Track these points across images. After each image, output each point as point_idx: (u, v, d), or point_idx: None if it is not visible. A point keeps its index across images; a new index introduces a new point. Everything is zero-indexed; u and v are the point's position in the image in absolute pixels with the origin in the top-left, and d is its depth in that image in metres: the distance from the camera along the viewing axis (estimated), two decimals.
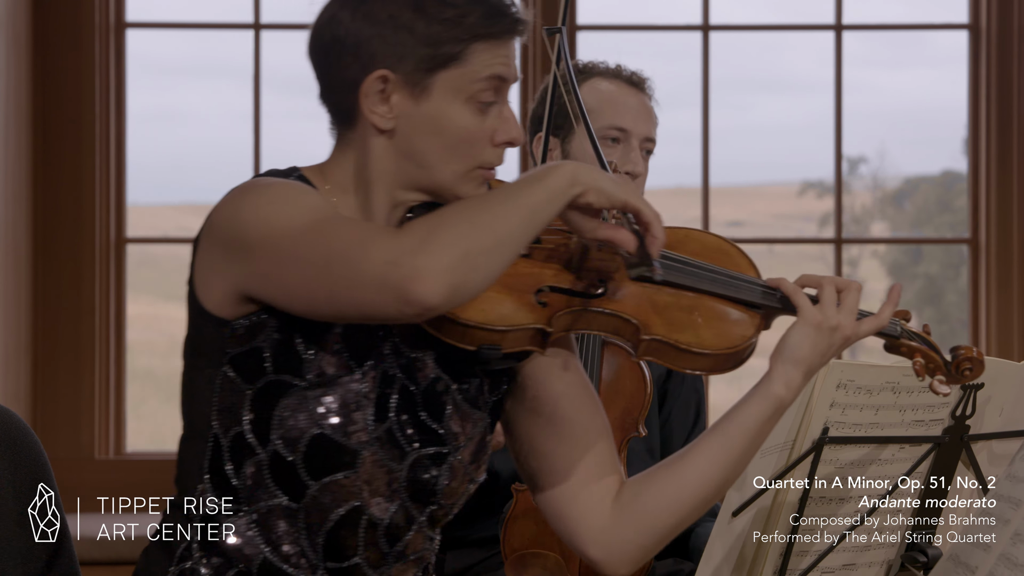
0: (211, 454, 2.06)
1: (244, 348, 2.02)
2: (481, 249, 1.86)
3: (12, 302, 4.75)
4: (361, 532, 2.06)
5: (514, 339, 2.01)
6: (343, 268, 1.88)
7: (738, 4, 5.70)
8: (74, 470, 4.79)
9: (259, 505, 2.04)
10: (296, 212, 1.95)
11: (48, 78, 4.91)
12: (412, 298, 1.83)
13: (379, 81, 2.02)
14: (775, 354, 2.09)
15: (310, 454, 2.01)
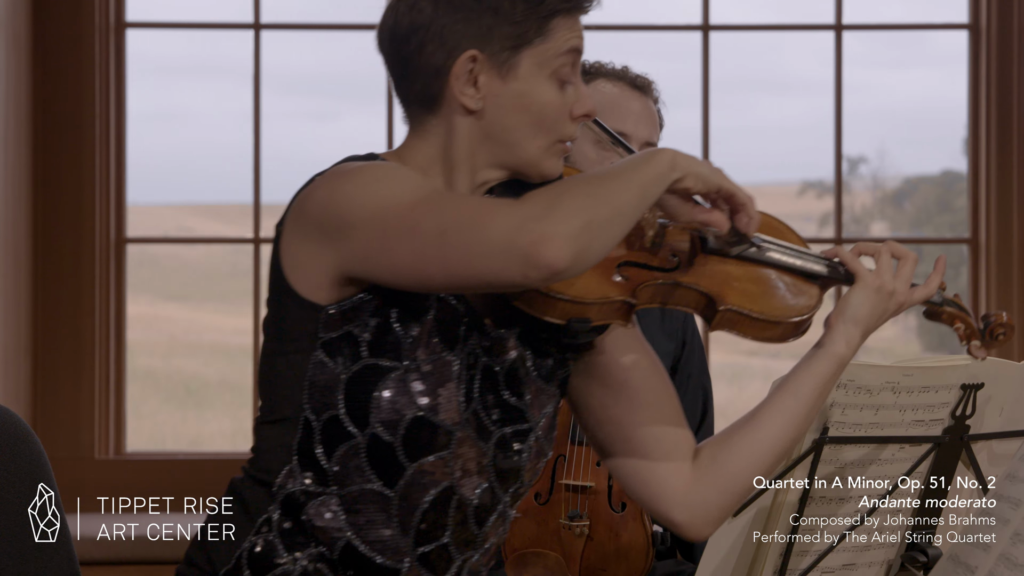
0: (301, 437, 2.07)
1: (338, 333, 2.05)
2: (602, 219, 1.91)
3: (12, 302, 4.75)
4: (451, 512, 2.09)
5: (602, 312, 2.07)
6: (462, 236, 1.92)
7: (738, 4, 5.70)
8: (74, 470, 4.80)
9: (350, 489, 2.06)
10: (400, 188, 1.98)
11: (48, 78, 4.91)
12: (540, 261, 1.87)
13: (469, 62, 2.07)
14: (836, 314, 2.16)
15: (409, 436, 2.04)
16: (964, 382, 2.23)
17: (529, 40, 2.09)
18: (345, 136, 8.48)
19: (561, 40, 2.10)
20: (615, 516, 2.99)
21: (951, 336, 7.04)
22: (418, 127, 2.14)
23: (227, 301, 11.17)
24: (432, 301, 2.06)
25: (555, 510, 2.97)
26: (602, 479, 2.99)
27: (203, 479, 4.84)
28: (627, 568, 2.98)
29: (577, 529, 2.94)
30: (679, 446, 2.20)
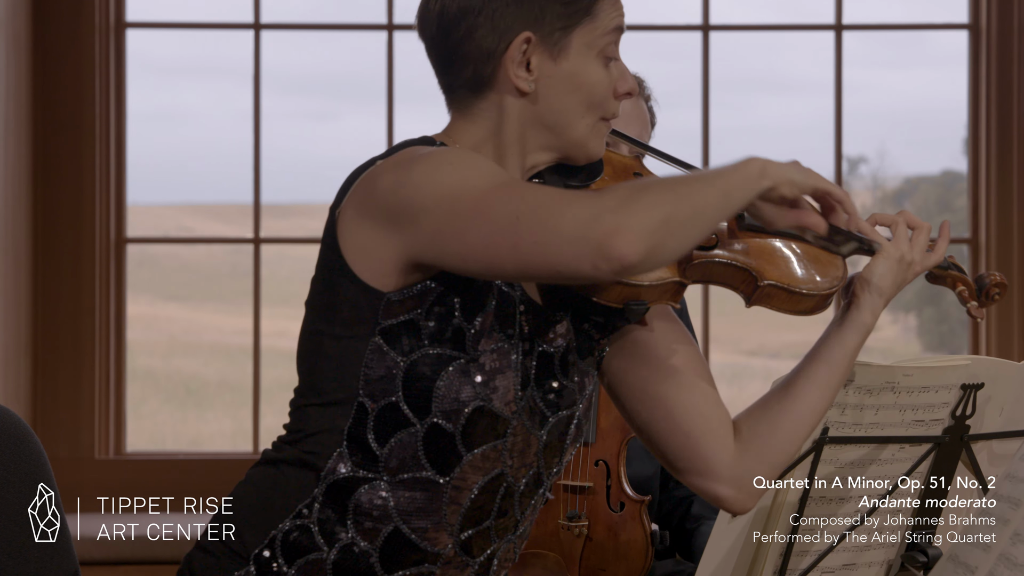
0: (352, 422, 2.06)
1: (399, 320, 2.03)
2: (680, 218, 1.89)
3: (12, 302, 4.75)
4: (499, 499, 2.10)
5: (657, 293, 2.10)
6: (536, 223, 1.90)
7: (738, 4, 5.70)
8: (74, 470, 4.80)
9: (401, 477, 2.06)
10: (474, 173, 1.98)
11: (48, 78, 4.91)
12: (612, 253, 1.86)
13: (523, 44, 2.07)
14: (861, 286, 2.19)
15: (469, 426, 2.04)
16: (964, 382, 2.23)
17: (579, 20, 2.09)
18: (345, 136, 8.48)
19: (607, 19, 2.11)
20: (614, 516, 2.99)
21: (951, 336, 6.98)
22: (465, 110, 2.13)
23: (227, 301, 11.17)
24: (494, 291, 2.06)
25: (554, 511, 2.96)
26: (600, 479, 2.99)
27: (203, 479, 4.84)
28: (627, 568, 2.97)
29: (576, 529, 2.94)
30: (723, 422, 2.20)
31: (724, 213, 1.96)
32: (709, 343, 5.09)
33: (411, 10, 2.22)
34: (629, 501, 2.99)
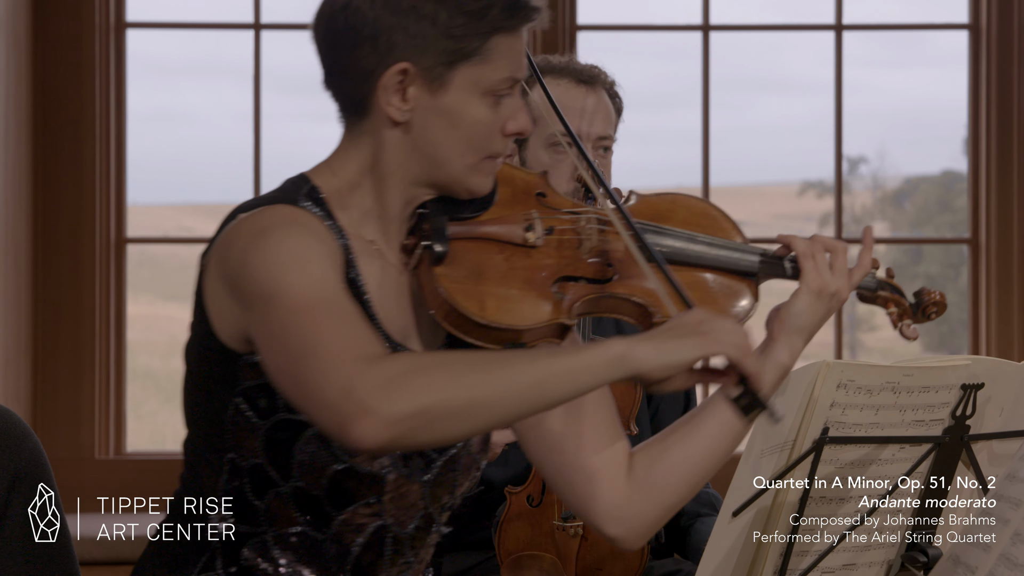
0: (228, 476, 2.03)
1: (257, 382, 1.98)
2: (445, 410, 1.74)
3: (12, 302, 4.75)
4: (387, 549, 2.06)
5: (536, 335, 2.03)
6: (310, 373, 1.79)
7: (738, 4, 5.70)
8: (74, 470, 4.79)
9: (283, 530, 2.02)
10: (300, 283, 1.87)
11: (48, 78, 4.90)
12: (350, 435, 1.73)
13: (399, 74, 1.98)
14: (778, 324, 2.10)
15: (334, 488, 1.99)
16: (964, 382, 2.23)
17: (466, 57, 1.98)
18: None
19: (501, 67, 2.00)
20: None
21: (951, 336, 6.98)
22: (350, 130, 2.06)
23: None
24: None
25: (548, 512, 2.96)
26: None
27: None
28: (623, 567, 2.97)
29: (571, 530, 2.94)
30: (615, 457, 2.12)
31: (532, 405, 1.78)
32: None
33: None
34: None
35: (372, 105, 2.01)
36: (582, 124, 3.09)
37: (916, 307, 2.19)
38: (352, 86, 2.02)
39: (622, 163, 3.31)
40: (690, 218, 2.17)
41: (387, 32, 1.98)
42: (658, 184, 3.45)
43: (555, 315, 2.02)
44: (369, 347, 1.81)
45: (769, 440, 2.16)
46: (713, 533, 2.20)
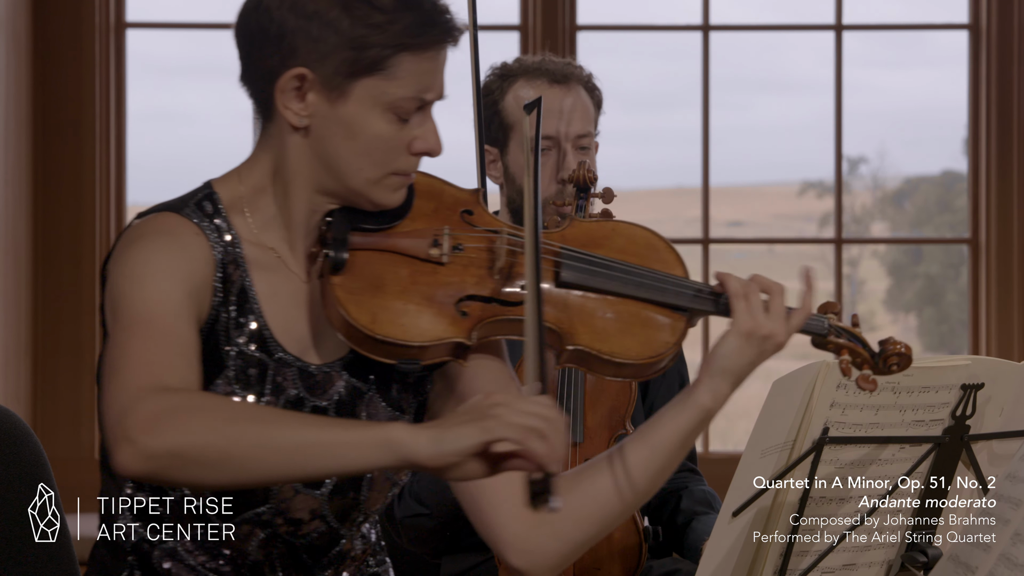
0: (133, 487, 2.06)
1: None
2: (198, 457, 1.72)
3: (12, 302, 4.75)
4: (276, 555, 2.03)
5: (433, 353, 1.97)
6: (107, 385, 1.81)
7: (738, 4, 5.70)
8: (74, 470, 4.78)
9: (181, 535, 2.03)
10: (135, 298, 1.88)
11: (48, 78, 4.90)
12: (114, 458, 1.74)
13: (295, 79, 1.94)
14: (705, 365, 2.02)
15: (218, 498, 1.98)
16: (964, 382, 2.23)
17: (367, 70, 1.93)
18: None
19: (406, 83, 1.94)
20: None
21: (951, 336, 7.00)
22: (260, 136, 2.04)
23: None
24: (230, 356, 1.97)
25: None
26: None
27: None
28: (621, 566, 2.97)
29: None
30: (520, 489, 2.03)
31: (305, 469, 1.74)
32: (709, 343, 5.09)
33: None
34: None
35: (274, 108, 1.98)
36: (560, 125, 3.06)
37: (877, 356, 2.08)
38: (258, 86, 1.99)
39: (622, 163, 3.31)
40: (628, 247, 2.09)
41: (290, 35, 1.94)
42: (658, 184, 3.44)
43: (453, 333, 1.96)
44: (165, 376, 1.80)
45: (769, 440, 2.16)
46: (713, 533, 2.20)
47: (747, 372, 2.02)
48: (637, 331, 2.02)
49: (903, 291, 11.59)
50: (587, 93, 3.13)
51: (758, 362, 2.02)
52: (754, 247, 12.69)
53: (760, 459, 2.18)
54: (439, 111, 2.02)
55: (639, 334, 2.02)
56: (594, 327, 2.00)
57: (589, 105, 3.13)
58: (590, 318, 2.01)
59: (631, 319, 2.02)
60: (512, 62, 3.17)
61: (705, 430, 5.39)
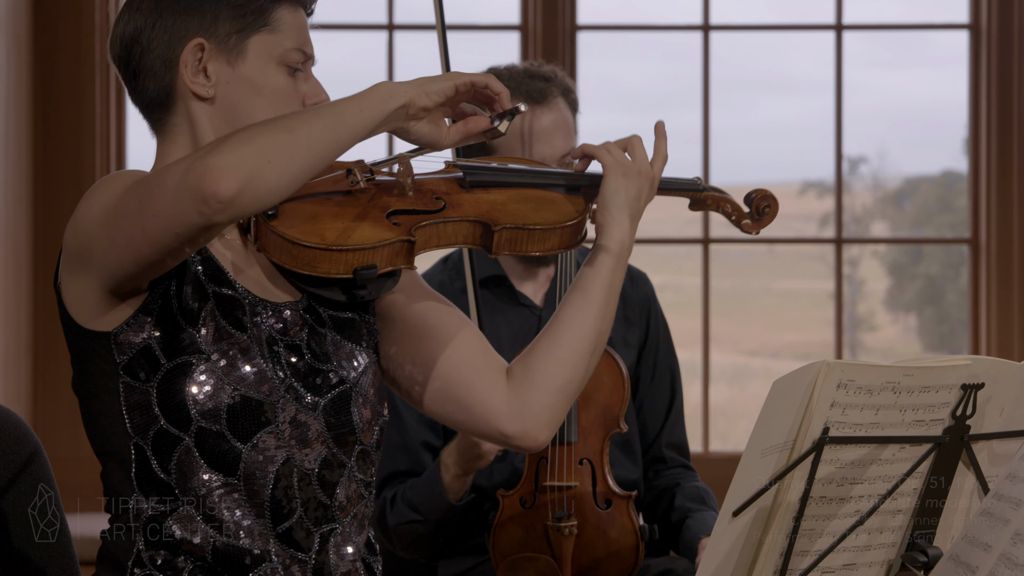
0: (136, 464, 2.13)
1: (132, 352, 2.11)
2: (274, 145, 1.96)
3: (12, 302, 4.75)
4: (295, 485, 2.14)
5: (385, 255, 2.16)
6: (151, 198, 1.97)
7: (738, 4, 5.70)
8: (74, 470, 4.79)
9: (198, 493, 2.12)
10: (113, 186, 2.05)
11: (48, 78, 4.91)
12: (206, 193, 1.92)
13: (196, 49, 2.15)
14: (599, 210, 2.29)
15: (232, 419, 2.11)
16: (964, 382, 2.23)
17: (254, 26, 2.18)
18: None
19: (290, 35, 2.21)
20: (602, 514, 2.99)
21: (951, 336, 7.03)
22: (163, 131, 2.20)
23: None
24: (208, 298, 2.13)
25: (542, 513, 2.96)
26: (585, 478, 2.99)
27: None
28: (619, 565, 2.98)
29: (566, 529, 2.94)
30: (491, 366, 2.28)
31: (344, 137, 2.02)
32: (709, 343, 5.09)
33: (411, 10, 2.27)
34: (616, 498, 2.99)
35: (177, 91, 2.18)
36: (544, 149, 3.05)
37: (751, 210, 2.41)
38: (156, 80, 2.18)
39: None
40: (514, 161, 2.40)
41: (175, 19, 2.16)
42: None
43: (396, 235, 2.16)
44: None
45: (769, 440, 2.17)
46: (713, 533, 2.20)
47: (638, 207, 2.31)
48: (547, 207, 2.29)
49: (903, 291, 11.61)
50: (567, 104, 3.11)
51: (643, 196, 2.31)
52: (754, 247, 12.70)
53: (760, 459, 2.18)
54: None
55: (550, 209, 2.29)
56: (511, 211, 2.26)
57: (568, 117, 3.11)
58: (504, 206, 2.26)
59: (538, 201, 2.29)
60: (483, 71, 3.13)
61: (705, 430, 5.40)
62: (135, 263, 2.03)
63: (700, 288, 5.12)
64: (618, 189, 2.28)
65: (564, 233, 2.27)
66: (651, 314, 3.25)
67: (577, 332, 2.27)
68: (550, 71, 3.12)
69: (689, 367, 3.91)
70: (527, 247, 2.25)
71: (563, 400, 2.27)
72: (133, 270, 2.04)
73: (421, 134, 2.12)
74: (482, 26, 5.10)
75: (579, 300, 2.28)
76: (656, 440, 3.25)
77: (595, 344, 2.28)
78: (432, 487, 2.98)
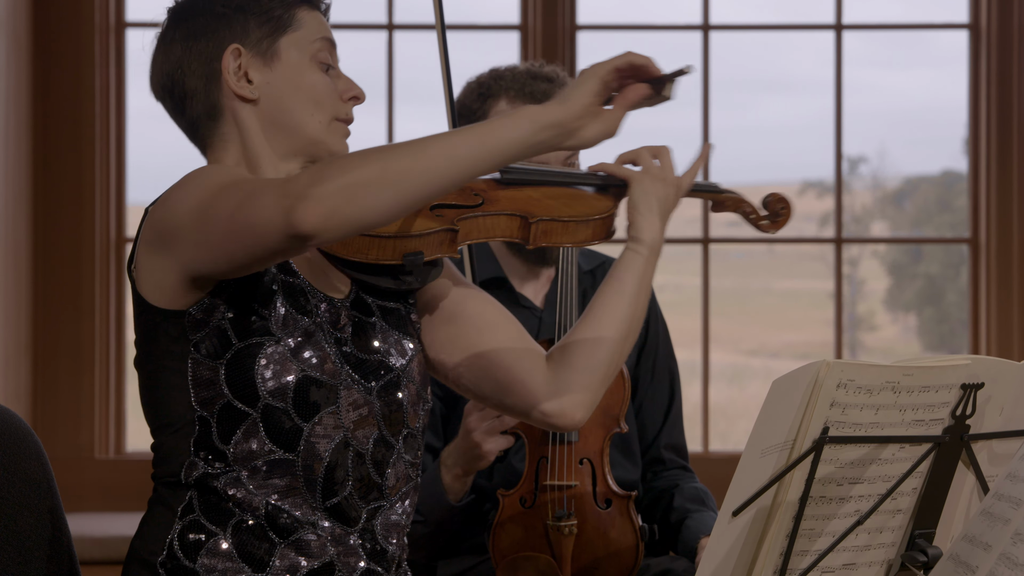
0: (198, 435, 2.22)
1: (205, 331, 2.20)
2: (365, 180, 1.98)
3: (12, 302, 4.75)
4: (350, 463, 2.24)
5: (431, 243, 2.27)
6: (245, 209, 2.04)
7: (738, 4, 5.70)
8: (74, 470, 4.80)
9: (255, 463, 2.21)
10: (209, 181, 2.13)
11: (48, 78, 4.91)
12: (293, 219, 1.97)
13: (235, 55, 2.27)
14: (630, 212, 2.41)
15: (298, 398, 2.20)
16: (964, 382, 2.23)
17: (282, 28, 2.29)
18: None
19: (311, 30, 2.30)
20: (602, 514, 2.99)
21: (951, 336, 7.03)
22: (214, 142, 2.32)
23: None
24: (277, 284, 2.22)
25: (542, 512, 2.97)
26: (585, 478, 2.99)
27: None
28: (619, 565, 2.98)
29: (566, 528, 2.94)
30: (530, 349, 2.41)
31: (460, 163, 2.04)
32: (709, 343, 5.09)
33: (411, 10, 2.30)
34: (616, 498, 2.99)
35: (224, 100, 2.30)
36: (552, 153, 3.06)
37: (768, 214, 2.56)
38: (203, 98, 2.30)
39: None
40: None
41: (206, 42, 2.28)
42: None
43: (440, 224, 2.27)
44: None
45: (769, 440, 2.17)
46: (713, 533, 2.20)
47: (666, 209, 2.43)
48: (578, 203, 2.41)
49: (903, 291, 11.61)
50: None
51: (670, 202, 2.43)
52: (754, 247, 12.69)
53: (760, 459, 2.18)
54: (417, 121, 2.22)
55: (581, 204, 2.41)
56: (545, 205, 2.38)
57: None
58: (539, 202, 2.38)
59: (569, 197, 2.41)
60: (488, 77, 3.13)
61: (705, 430, 5.39)
62: (228, 262, 2.10)
63: (700, 288, 5.12)
64: (649, 190, 2.40)
65: (596, 226, 2.40)
66: (651, 315, 3.26)
67: (610, 317, 2.39)
68: (552, 72, 3.12)
69: (689, 367, 3.91)
70: (561, 238, 2.38)
71: (598, 381, 2.39)
72: (225, 267, 2.12)
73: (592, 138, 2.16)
74: (482, 26, 5.10)
75: (613, 289, 2.40)
76: (655, 441, 3.26)
77: (628, 330, 2.40)
78: (432, 488, 2.99)
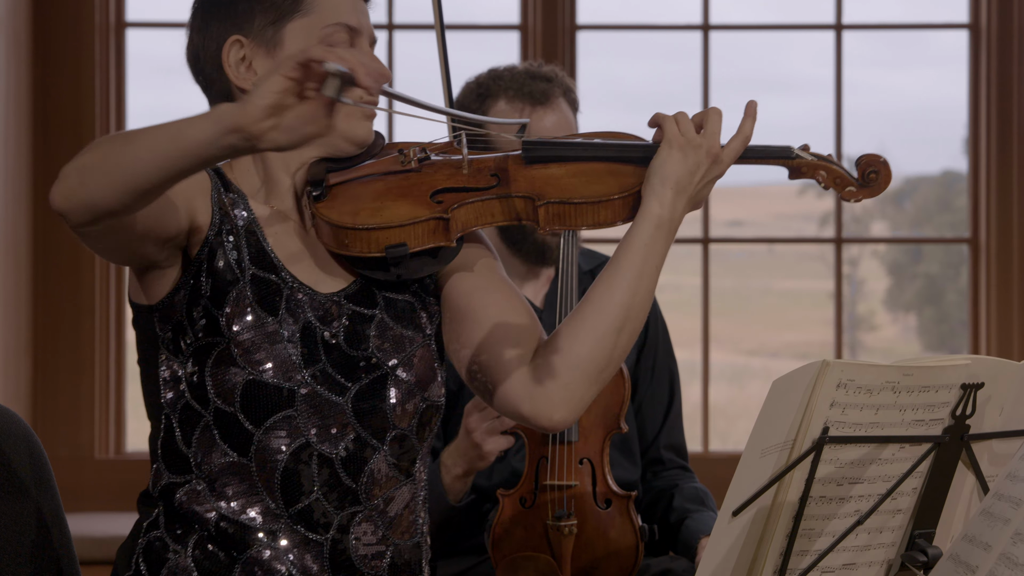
0: (163, 434, 2.21)
1: (171, 325, 2.18)
2: (91, 165, 1.92)
3: (12, 302, 4.75)
4: (315, 467, 2.18)
5: (418, 233, 2.15)
6: None
7: (738, 4, 5.70)
8: (74, 470, 4.79)
9: (211, 468, 2.18)
10: None
11: (48, 78, 4.91)
12: (50, 198, 1.96)
13: (236, 46, 2.21)
14: (644, 182, 2.19)
15: (246, 402, 2.15)
16: (964, 382, 2.23)
17: (289, 14, 2.20)
18: None
19: (327, 13, 2.19)
20: (602, 514, 2.99)
21: (951, 336, 7.02)
22: None
23: None
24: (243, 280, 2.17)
25: (542, 512, 2.97)
26: (585, 478, 2.99)
27: None
28: (618, 565, 2.98)
29: (566, 528, 2.94)
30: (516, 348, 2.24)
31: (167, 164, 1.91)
32: (709, 343, 5.09)
33: (411, 10, 2.28)
34: (616, 498, 2.99)
35: (232, 92, 2.23)
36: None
37: (856, 168, 2.26)
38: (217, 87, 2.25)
39: None
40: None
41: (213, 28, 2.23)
42: None
43: (430, 213, 2.13)
44: None
45: (769, 440, 2.17)
46: (713, 533, 2.20)
47: (689, 183, 2.19)
48: (603, 180, 2.20)
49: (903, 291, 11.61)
50: (568, 104, 3.11)
51: (699, 173, 2.19)
52: (754, 247, 12.69)
53: (760, 459, 2.18)
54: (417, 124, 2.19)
55: (606, 182, 2.20)
56: (563, 185, 2.19)
57: (570, 117, 3.11)
58: (558, 181, 2.20)
59: (595, 174, 2.21)
60: (487, 78, 3.13)
61: (704, 430, 5.38)
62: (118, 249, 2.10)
63: (700, 288, 5.12)
64: (666, 161, 2.17)
65: (615, 207, 2.19)
66: (650, 315, 3.26)
67: (600, 307, 2.19)
68: (551, 71, 3.12)
69: (689, 367, 3.91)
70: (575, 221, 2.19)
71: (580, 378, 2.21)
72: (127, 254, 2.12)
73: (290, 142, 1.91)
74: (482, 26, 5.10)
75: (607, 274, 2.20)
76: (654, 441, 3.26)
77: (623, 320, 2.20)
78: (432, 488, 2.99)
